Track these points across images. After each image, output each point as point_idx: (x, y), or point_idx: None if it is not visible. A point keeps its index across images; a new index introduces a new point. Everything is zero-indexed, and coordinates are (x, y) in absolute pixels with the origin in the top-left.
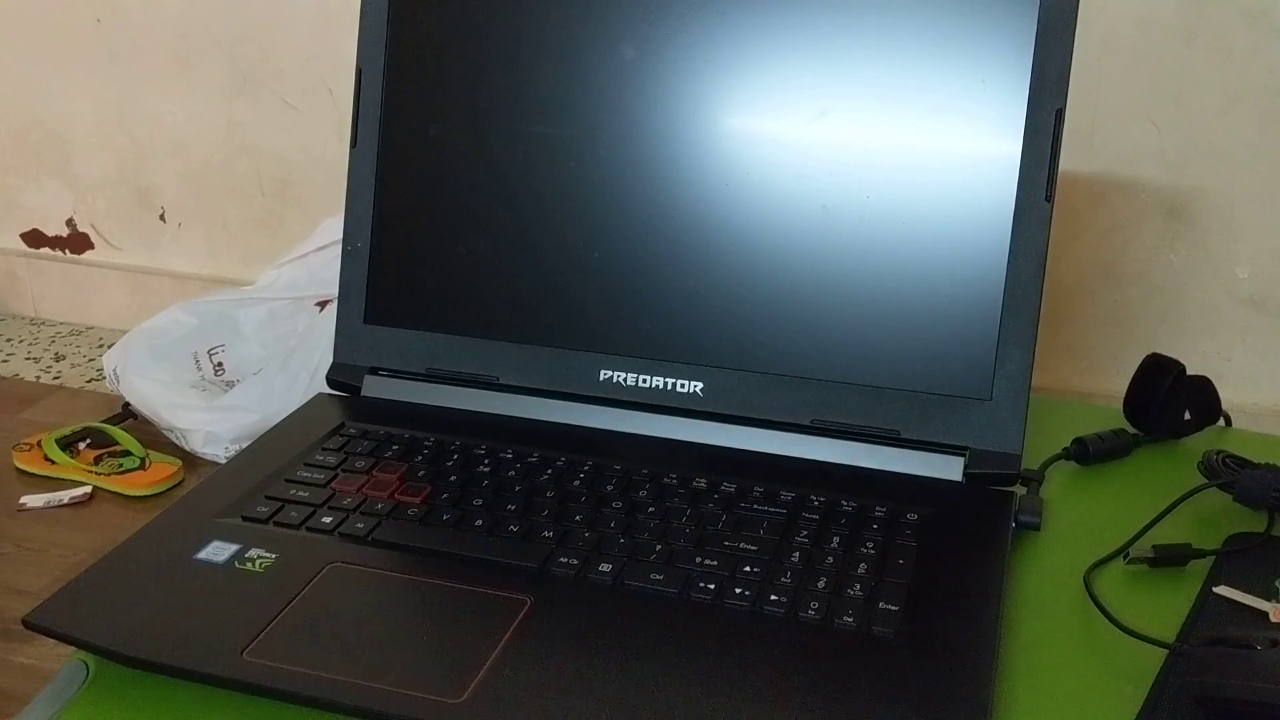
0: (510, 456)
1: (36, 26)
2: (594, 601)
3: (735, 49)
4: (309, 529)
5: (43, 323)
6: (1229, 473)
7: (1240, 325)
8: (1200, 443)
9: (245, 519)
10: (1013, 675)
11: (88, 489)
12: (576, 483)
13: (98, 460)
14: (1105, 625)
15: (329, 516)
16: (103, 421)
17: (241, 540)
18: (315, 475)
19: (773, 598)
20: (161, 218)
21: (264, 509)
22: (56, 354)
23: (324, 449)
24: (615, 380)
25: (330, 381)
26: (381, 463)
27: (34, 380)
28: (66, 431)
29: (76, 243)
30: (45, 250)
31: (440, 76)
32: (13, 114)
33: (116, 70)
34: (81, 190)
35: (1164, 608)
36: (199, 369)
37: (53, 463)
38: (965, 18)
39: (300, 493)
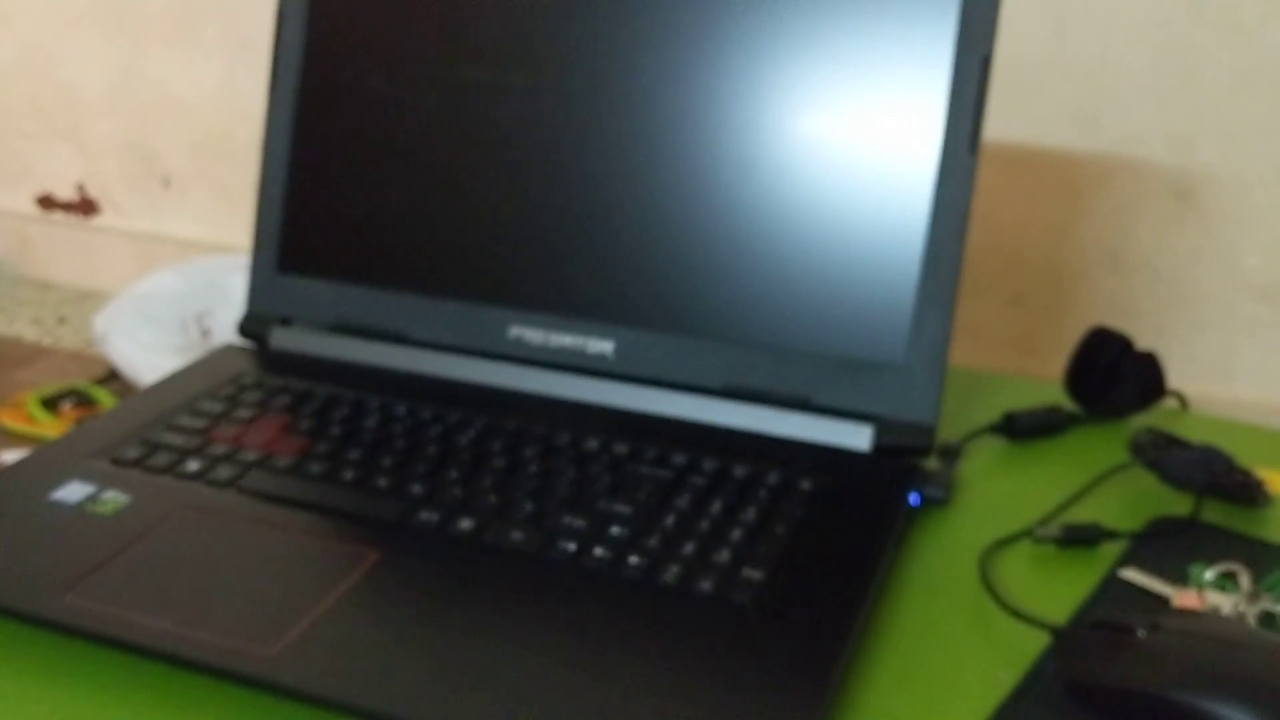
0: (403, 412)
1: None
2: (446, 558)
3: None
4: (175, 474)
5: (52, 286)
6: (1156, 453)
7: (1249, 317)
8: (1146, 423)
9: (113, 461)
10: (882, 653)
11: None
12: (463, 440)
13: (79, 421)
14: (995, 607)
15: (196, 463)
16: (90, 382)
17: (100, 482)
18: (195, 422)
19: (632, 560)
20: (166, 184)
21: (134, 453)
22: (60, 317)
23: (213, 397)
24: (524, 338)
25: (240, 331)
26: (266, 414)
27: (34, 342)
28: (51, 391)
29: (86, 207)
30: (57, 214)
31: (361, 19)
32: (26, 76)
33: (124, 34)
34: (90, 154)
35: (1066, 591)
36: (185, 333)
37: (34, 421)
38: None
39: (175, 439)
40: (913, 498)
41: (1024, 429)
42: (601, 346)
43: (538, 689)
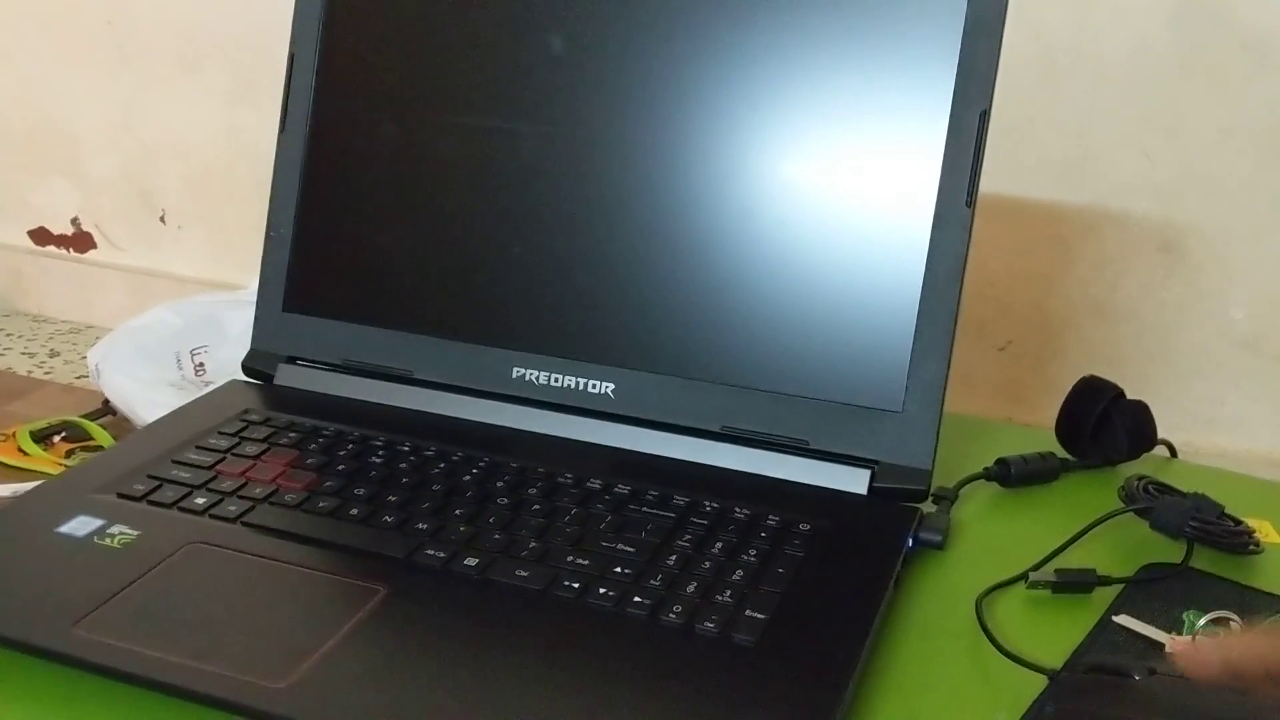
0: (407, 449)
1: (51, 27)
2: (452, 595)
3: (660, 50)
4: (180, 509)
5: (45, 320)
6: (1148, 499)
7: (1234, 368)
8: (1136, 471)
9: (120, 496)
10: (881, 695)
11: None
12: (467, 478)
13: (69, 454)
14: (992, 650)
15: (203, 498)
16: (82, 417)
17: (107, 516)
18: (203, 458)
19: (636, 599)
20: (162, 219)
21: (140, 487)
22: (52, 350)
23: (220, 433)
24: (527, 378)
25: (245, 369)
26: (273, 449)
27: (25, 375)
28: (43, 424)
29: (80, 242)
30: (50, 248)
31: (372, 64)
32: (25, 111)
33: (125, 72)
34: (87, 190)
35: (1061, 636)
36: (180, 368)
37: (25, 454)
38: (890, 15)
39: (182, 473)
40: (909, 541)
41: (1017, 475)
42: (603, 388)
43: None
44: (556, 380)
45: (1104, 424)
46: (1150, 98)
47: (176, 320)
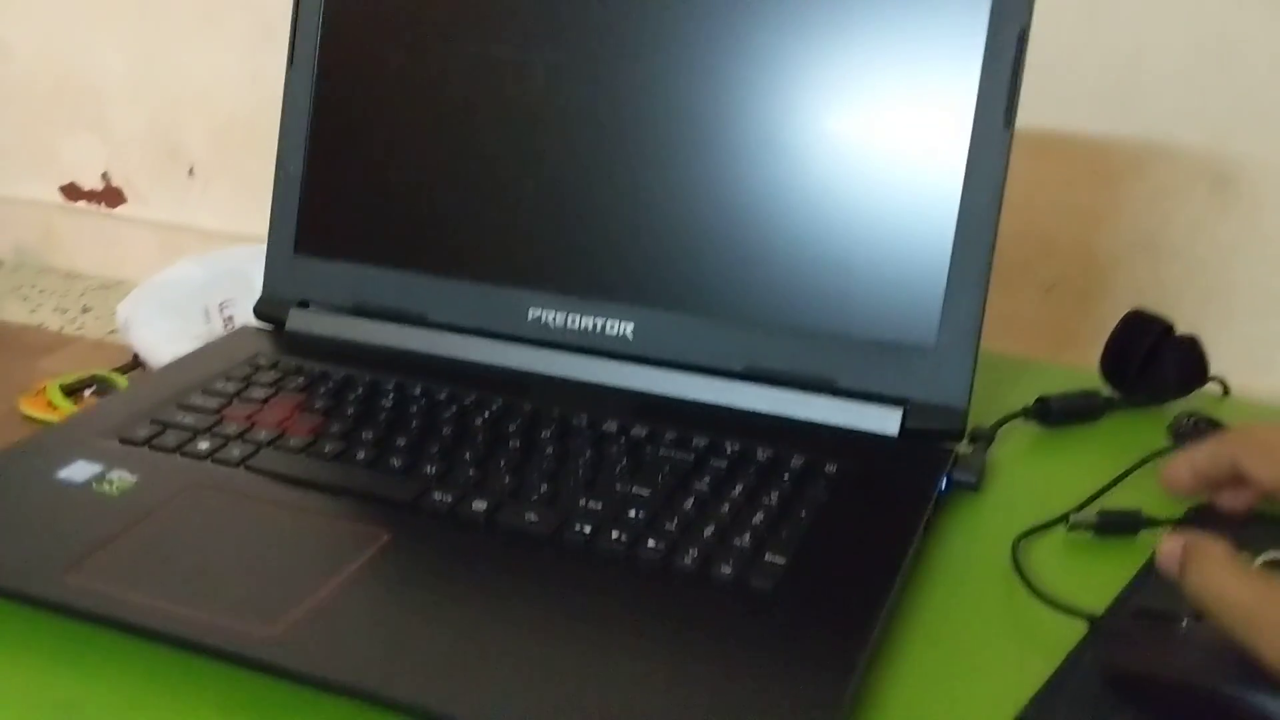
0: (417, 393)
1: None
2: (459, 539)
3: None
4: (183, 453)
5: (77, 275)
6: (1198, 438)
7: None
8: (1187, 409)
9: (122, 441)
10: (909, 641)
11: None
12: (478, 422)
13: None
14: (1029, 596)
15: (207, 442)
16: (112, 371)
17: (107, 461)
18: (208, 402)
19: (649, 543)
20: (190, 172)
21: (144, 432)
22: (84, 306)
23: (228, 378)
24: (544, 320)
25: (257, 313)
26: (280, 394)
27: (57, 331)
28: (73, 379)
29: (110, 196)
30: (81, 204)
31: None
32: (49, 65)
33: (146, 22)
34: (114, 144)
35: (1103, 581)
36: (208, 321)
37: (55, 408)
38: None
39: (186, 418)
40: (942, 483)
41: (1059, 414)
42: (622, 328)
43: (545, 675)
44: (574, 321)
45: (1152, 360)
46: (1201, 24)
47: (203, 273)
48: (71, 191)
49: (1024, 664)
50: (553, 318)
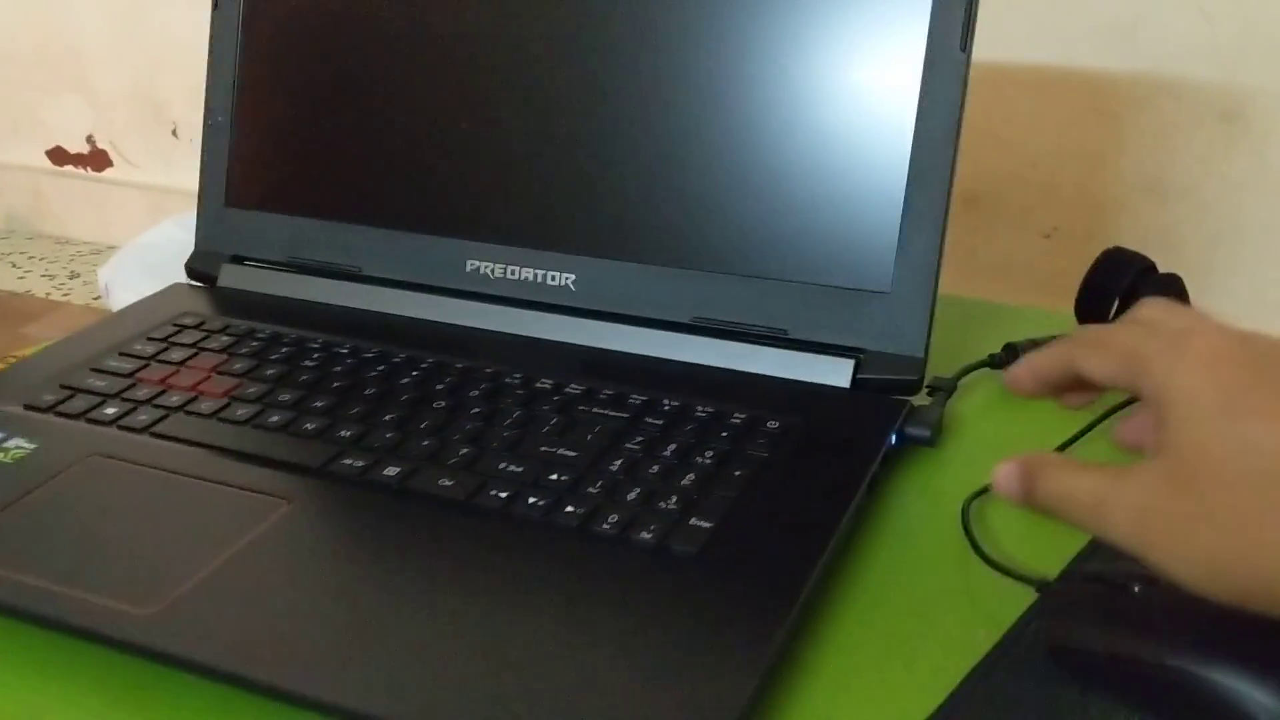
0: (344, 352)
1: None
2: (365, 506)
3: None
4: (88, 419)
5: (67, 241)
6: None
7: None
8: None
9: (26, 407)
10: (848, 608)
11: None
12: (405, 381)
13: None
14: (978, 560)
15: (114, 408)
16: None
17: (7, 429)
18: (123, 365)
19: (568, 508)
20: (174, 133)
21: (50, 397)
22: (72, 272)
23: (149, 339)
24: (482, 271)
25: (188, 270)
26: (200, 354)
27: (44, 297)
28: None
29: (97, 160)
30: (69, 168)
31: None
32: (30, 29)
33: None
34: (99, 106)
35: (1059, 545)
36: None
37: None
38: None
39: (97, 382)
40: (892, 438)
41: None
42: (563, 279)
43: (441, 652)
44: (513, 273)
45: (1131, 301)
46: None
47: (183, 235)
48: (58, 155)
49: (969, 634)
50: (491, 269)
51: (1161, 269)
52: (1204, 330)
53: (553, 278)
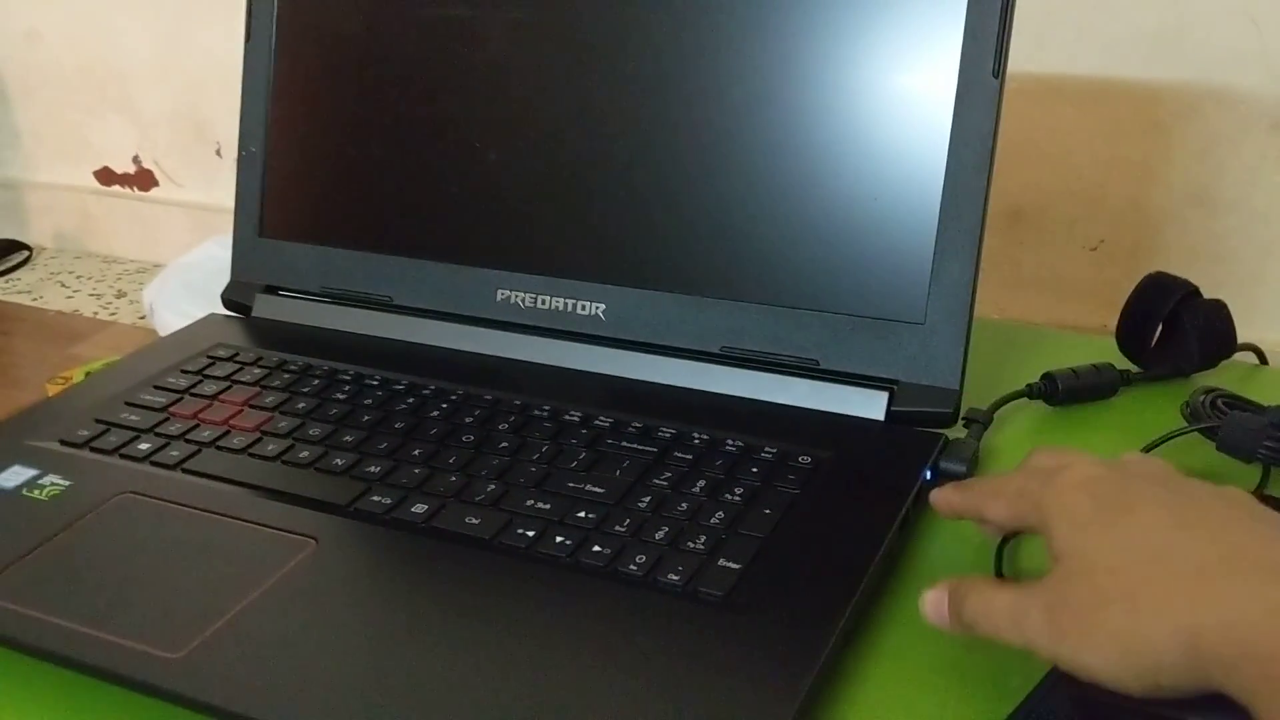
0: (375, 384)
1: None
2: (391, 545)
3: None
4: (122, 455)
5: (114, 260)
6: (1215, 416)
7: None
8: (1213, 382)
9: (63, 443)
10: (873, 655)
11: None
12: (434, 414)
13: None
14: None
15: (148, 443)
16: None
17: (43, 466)
18: (156, 399)
19: (595, 548)
20: (218, 153)
21: (85, 432)
22: (119, 291)
23: (183, 371)
24: (513, 301)
25: (224, 301)
26: (233, 387)
27: (91, 316)
28: (99, 365)
29: (143, 180)
30: (116, 188)
31: None
32: (74, 50)
33: (168, 3)
34: (144, 126)
35: None
36: None
37: None
38: None
39: (131, 416)
40: (926, 473)
41: (1066, 392)
42: (593, 308)
43: (467, 695)
44: (543, 302)
45: (1173, 328)
46: None
47: (225, 254)
48: (105, 176)
49: (1000, 682)
50: (522, 299)
51: (1210, 280)
52: (1076, 463)
53: (583, 307)
